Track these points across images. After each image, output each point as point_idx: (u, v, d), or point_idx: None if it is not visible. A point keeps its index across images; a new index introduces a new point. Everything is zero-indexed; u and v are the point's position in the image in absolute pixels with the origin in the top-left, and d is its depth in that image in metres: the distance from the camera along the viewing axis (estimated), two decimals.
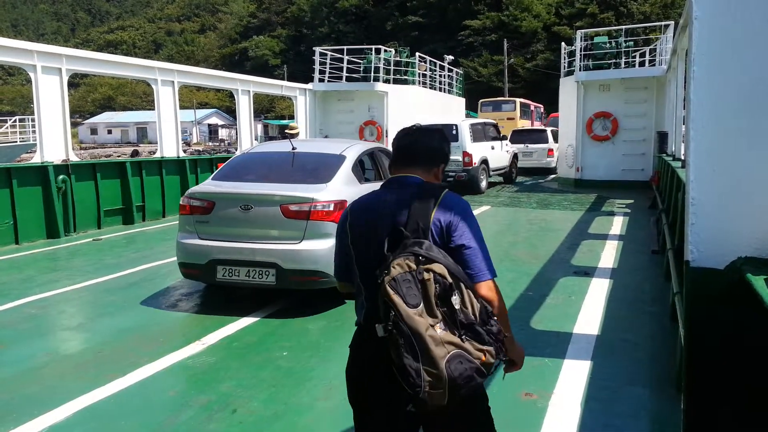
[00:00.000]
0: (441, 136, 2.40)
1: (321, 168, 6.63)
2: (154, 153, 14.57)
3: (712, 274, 2.90)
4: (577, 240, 9.80)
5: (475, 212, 8.97)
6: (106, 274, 7.75)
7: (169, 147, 13.78)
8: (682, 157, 9.43)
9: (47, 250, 9.67)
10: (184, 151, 15.15)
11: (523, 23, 72.27)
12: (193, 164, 14.45)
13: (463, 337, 1.92)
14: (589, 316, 5.78)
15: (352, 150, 7.08)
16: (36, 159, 10.97)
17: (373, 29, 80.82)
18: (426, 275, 1.90)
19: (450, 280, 1.92)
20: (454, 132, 16.64)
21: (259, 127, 65.06)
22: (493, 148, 18.17)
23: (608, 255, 8.60)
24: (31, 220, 10.37)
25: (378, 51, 21.31)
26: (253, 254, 6.03)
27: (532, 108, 40.88)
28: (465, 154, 16.60)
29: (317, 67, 20.49)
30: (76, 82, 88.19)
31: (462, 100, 28.64)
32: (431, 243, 2.00)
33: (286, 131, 13.22)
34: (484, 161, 17.27)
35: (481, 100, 39.22)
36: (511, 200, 15.34)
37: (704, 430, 2.99)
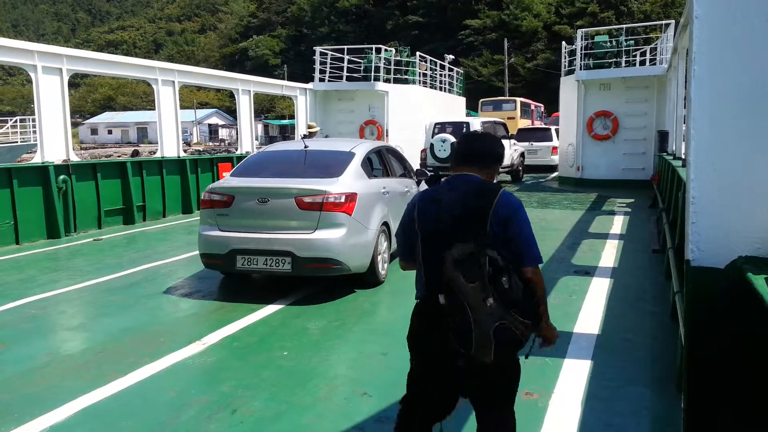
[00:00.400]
0: (497, 141, 2.84)
1: (332, 164, 7.05)
2: (155, 153, 14.58)
3: (712, 273, 2.90)
4: (578, 239, 9.80)
5: None
6: (106, 274, 7.75)
7: (169, 147, 13.78)
8: (683, 156, 9.42)
9: (48, 250, 9.68)
10: (185, 151, 15.14)
11: (524, 22, 72.25)
12: (193, 164, 14.46)
13: (509, 311, 2.33)
14: (590, 315, 5.77)
15: (361, 148, 7.56)
16: (36, 159, 10.97)
17: (374, 29, 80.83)
18: (482, 259, 2.32)
19: (501, 263, 2.35)
20: (465, 130, 17.07)
21: (260, 126, 65.09)
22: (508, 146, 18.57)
23: (609, 254, 8.60)
24: (31, 220, 10.38)
25: (378, 50, 21.31)
26: (270, 244, 6.42)
27: (533, 107, 40.87)
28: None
29: (317, 66, 20.49)
30: (76, 82, 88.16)
31: (462, 100, 28.64)
32: (489, 232, 2.43)
33: (306, 130, 13.84)
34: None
35: (481, 100, 39.20)
36: None
37: (705, 429, 2.99)
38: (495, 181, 2.81)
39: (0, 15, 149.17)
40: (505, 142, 18.73)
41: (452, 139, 17.33)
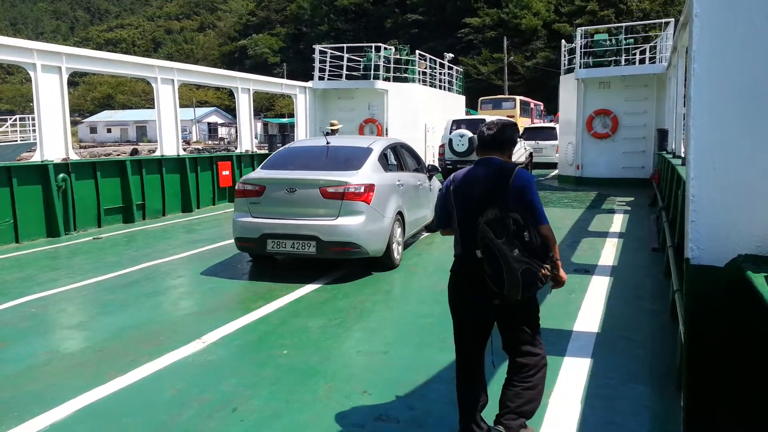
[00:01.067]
0: (513, 128, 3.47)
1: (352, 158, 7.81)
2: (154, 151, 14.57)
3: (712, 272, 2.91)
4: (578, 237, 9.80)
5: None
6: (106, 273, 7.75)
7: (169, 145, 13.77)
8: (683, 155, 9.42)
9: (47, 249, 9.68)
10: (184, 150, 15.13)
11: (523, 21, 72.20)
12: (193, 163, 14.45)
13: (531, 258, 3.01)
14: (590, 313, 5.78)
15: (378, 144, 8.27)
16: (36, 158, 10.96)
17: (373, 27, 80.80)
18: (506, 220, 2.99)
19: (522, 222, 3.02)
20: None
21: (259, 125, 65.03)
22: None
23: (608, 253, 8.60)
24: (31, 219, 10.37)
25: (378, 49, 21.28)
26: (298, 229, 7.20)
27: (532, 106, 40.89)
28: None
29: (317, 65, 20.47)
30: (75, 80, 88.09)
31: (462, 98, 28.62)
32: (509, 200, 3.09)
33: (328, 128, 14.54)
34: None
35: (481, 98, 39.21)
36: None
37: (704, 427, 3.00)
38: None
39: None
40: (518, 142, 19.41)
41: (470, 134, 18.42)
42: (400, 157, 8.86)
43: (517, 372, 3.28)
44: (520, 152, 19.85)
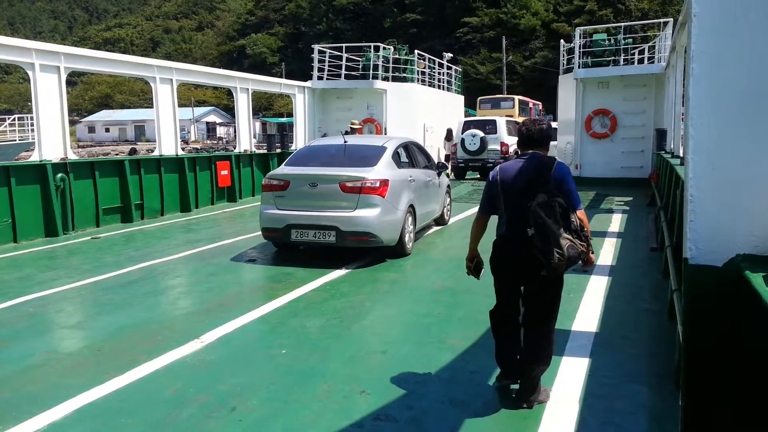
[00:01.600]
0: (549, 126, 4.09)
1: (368, 155, 8.53)
2: (152, 151, 14.55)
3: (710, 272, 2.91)
4: None
5: (475, 210, 8.91)
6: (104, 273, 7.74)
7: (167, 145, 13.76)
8: (681, 155, 9.43)
9: (46, 249, 9.67)
10: (182, 149, 15.11)
11: (522, 20, 72.19)
12: (191, 163, 14.43)
13: (573, 237, 3.56)
14: (588, 313, 5.78)
15: (392, 143, 9.01)
16: (34, 157, 10.94)
17: (371, 26, 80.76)
18: (553, 203, 3.56)
19: (565, 206, 3.59)
20: (493, 126, 20.37)
21: (258, 124, 65.00)
22: None
23: (607, 252, 8.61)
24: (29, 219, 10.36)
25: (377, 49, 21.28)
26: (319, 220, 7.89)
27: (531, 105, 40.88)
28: (502, 144, 20.14)
29: (316, 65, 20.46)
30: (73, 80, 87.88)
31: (461, 98, 28.63)
32: (551, 187, 3.65)
33: (349, 127, 15.75)
34: (516, 152, 18.83)
35: (480, 98, 39.18)
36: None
37: (702, 426, 3.00)
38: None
39: None
40: None
41: (481, 134, 19.96)
42: (411, 154, 9.55)
43: (537, 331, 3.93)
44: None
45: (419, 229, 9.32)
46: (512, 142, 19.90)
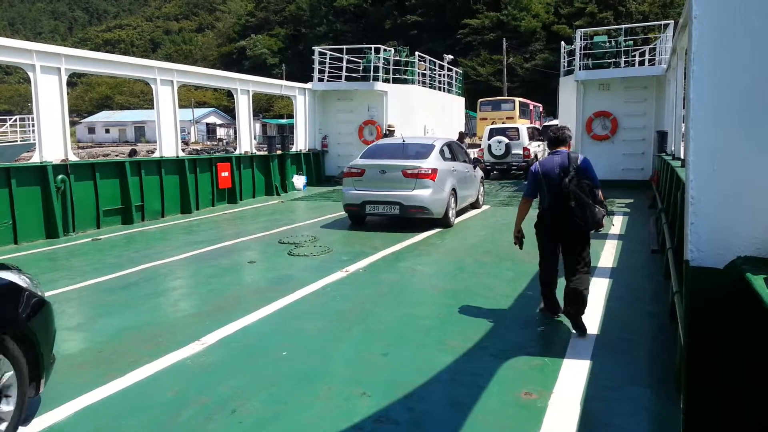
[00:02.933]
0: (568, 131, 5.75)
1: (421, 151, 11.30)
2: (152, 152, 14.55)
3: (711, 274, 2.90)
4: None
5: (475, 212, 8.98)
6: (105, 274, 7.74)
7: (168, 147, 13.77)
8: (682, 157, 9.43)
9: (46, 250, 9.67)
10: (182, 151, 15.11)
11: (522, 22, 72.25)
12: (192, 164, 14.44)
13: (598, 206, 5.16)
14: (589, 315, 5.76)
15: (438, 142, 11.76)
16: (35, 159, 10.95)
17: (372, 28, 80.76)
18: (583, 183, 5.15)
19: (592, 185, 5.18)
20: (516, 133, 22.16)
21: (258, 126, 65.03)
22: (539, 146, 22.39)
23: (608, 254, 8.61)
24: (30, 220, 10.36)
25: (377, 50, 21.30)
26: (387, 197, 10.66)
27: (531, 107, 40.94)
28: (524, 149, 21.73)
29: (316, 66, 20.47)
30: (73, 81, 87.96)
31: (461, 100, 28.65)
32: (579, 173, 5.20)
33: (386, 129, 17.96)
34: (536, 156, 21.66)
35: (480, 100, 39.24)
36: (511, 200, 15.34)
37: (704, 428, 3.00)
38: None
39: None
40: (543, 143, 21.31)
41: (506, 140, 21.83)
42: (453, 151, 12.12)
43: (573, 280, 5.34)
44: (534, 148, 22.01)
45: (458, 209, 11.81)
46: (534, 146, 22.00)
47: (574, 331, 5.28)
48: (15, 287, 3.78)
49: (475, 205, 13.30)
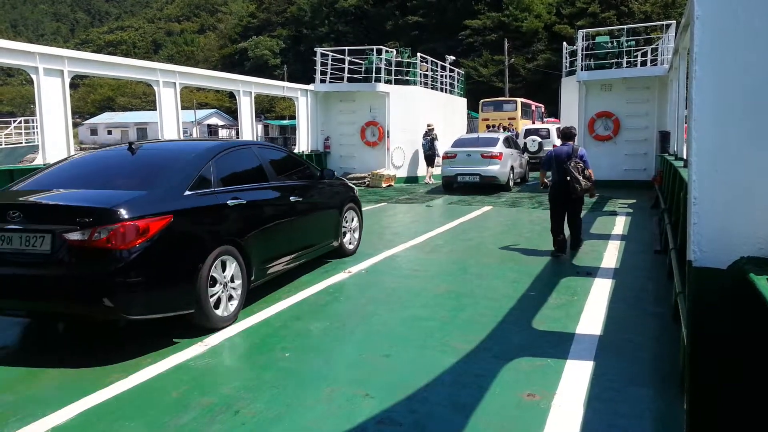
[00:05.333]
0: (575, 129, 9.36)
1: (491, 141, 17.68)
2: None
3: (714, 274, 2.90)
4: None
5: (477, 213, 8.96)
6: None
7: None
8: (685, 157, 9.41)
9: None
10: None
11: (524, 23, 72.20)
12: None
13: (585, 179, 8.32)
14: (592, 316, 5.77)
15: (501, 135, 18.65)
16: (38, 161, 10.97)
17: (373, 29, 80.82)
18: (579, 165, 8.33)
19: (583, 166, 8.36)
20: (547, 133, 26.27)
21: (260, 127, 65.08)
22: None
23: (611, 255, 8.60)
24: None
25: (379, 52, 21.29)
26: (471, 171, 16.82)
27: (533, 108, 40.89)
28: (554, 146, 25.15)
29: (318, 68, 20.48)
30: (75, 82, 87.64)
31: (463, 101, 28.62)
32: (578, 158, 8.37)
33: (427, 127, 20.32)
34: (553, 146, 24.23)
35: (482, 100, 39.17)
36: (513, 200, 15.34)
37: (707, 429, 2.99)
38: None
39: None
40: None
41: (539, 139, 26.16)
42: (510, 142, 18.58)
43: (572, 225, 8.71)
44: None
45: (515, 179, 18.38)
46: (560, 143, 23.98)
47: (578, 332, 5.28)
48: (350, 186, 8.98)
49: (523, 179, 19.84)
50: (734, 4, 2.81)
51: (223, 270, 5.60)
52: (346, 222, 8.49)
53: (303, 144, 19.66)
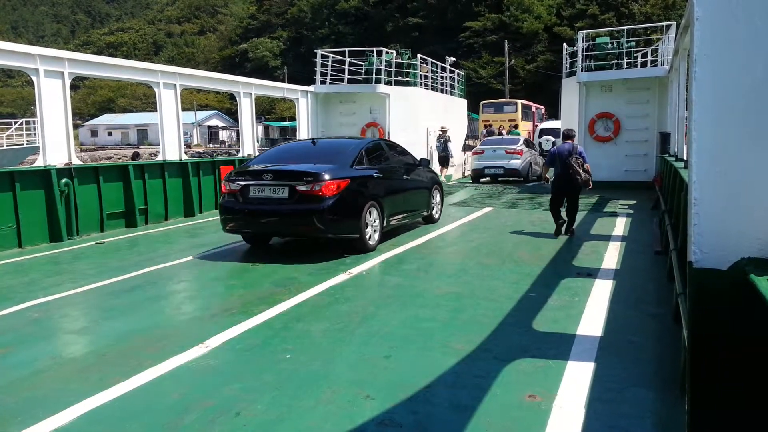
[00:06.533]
0: (574, 131, 11.14)
1: (513, 141, 22.14)
2: (155, 154, 14.56)
3: (715, 275, 2.90)
4: (580, 241, 9.79)
5: (478, 214, 8.96)
6: (109, 278, 7.76)
7: (171, 150, 13.79)
8: (685, 158, 9.41)
9: (50, 254, 9.69)
10: (185, 153, 15.13)
11: (524, 24, 72.28)
12: (195, 167, 14.46)
13: (584, 173, 9.99)
14: (593, 317, 5.77)
15: (521, 137, 23.64)
16: (39, 162, 10.98)
17: (373, 30, 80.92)
18: (579, 160, 10.00)
19: (582, 161, 10.04)
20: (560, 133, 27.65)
21: (260, 128, 65.10)
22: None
23: (611, 256, 8.60)
24: (34, 224, 10.39)
25: (379, 53, 21.31)
26: (496, 164, 20.63)
27: (534, 109, 40.95)
28: (554, 143, 27.03)
29: (319, 69, 20.50)
30: (75, 84, 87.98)
31: (464, 102, 28.64)
32: (577, 154, 10.03)
33: (440, 129, 21.86)
34: (553, 142, 27.03)
35: (482, 102, 39.21)
36: (514, 201, 15.34)
37: (708, 430, 2.99)
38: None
39: (0, 17, 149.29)
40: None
41: (553, 139, 28.80)
42: (528, 142, 22.41)
43: (570, 210, 10.33)
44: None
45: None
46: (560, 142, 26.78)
47: (578, 333, 5.29)
48: (435, 173, 12.31)
49: (540, 176, 19.99)
50: (734, 5, 2.82)
51: (370, 216, 9.05)
52: (433, 198, 11.72)
53: None
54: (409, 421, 3.75)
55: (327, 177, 8.36)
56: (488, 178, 21.55)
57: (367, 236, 8.88)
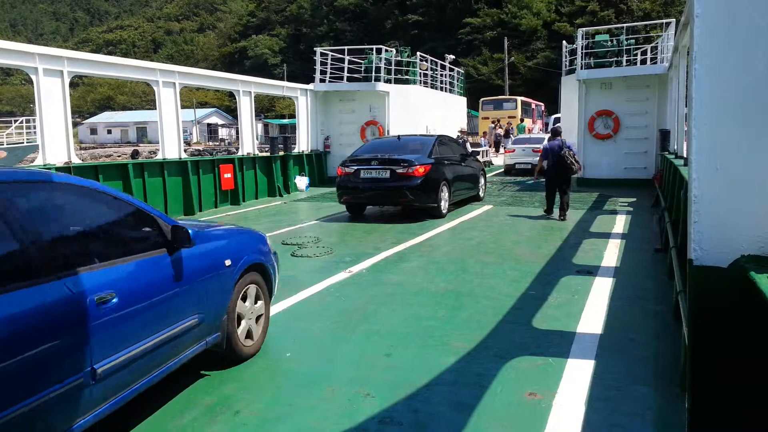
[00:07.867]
0: (560, 127, 12.81)
1: (539, 140, 22.21)
2: (155, 152, 14.55)
3: (715, 273, 2.91)
4: (580, 239, 9.79)
5: (478, 212, 8.94)
6: None
7: (170, 148, 13.78)
8: (685, 155, 9.41)
9: None
10: (184, 151, 15.12)
11: (523, 21, 72.23)
12: (195, 166, 14.45)
13: (576, 162, 11.73)
14: (593, 315, 5.77)
15: (545, 138, 19.60)
16: (38, 161, 10.97)
17: (373, 28, 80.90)
18: (569, 152, 11.68)
19: (572, 154, 11.74)
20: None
21: (260, 126, 65.08)
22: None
23: (611, 254, 8.59)
24: None
25: (379, 51, 21.30)
26: (525, 161, 21.94)
27: (533, 106, 40.96)
28: (548, 141, 29.54)
29: (318, 67, 20.48)
30: (75, 82, 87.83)
31: (463, 100, 28.65)
32: (567, 148, 11.73)
33: (459, 131, 24.98)
34: (547, 138, 28.88)
35: (482, 99, 39.21)
36: (513, 199, 15.34)
37: (708, 428, 3.00)
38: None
39: None
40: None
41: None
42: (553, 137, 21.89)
43: (562, 195, 11.77)
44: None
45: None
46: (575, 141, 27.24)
47: (578, 331, 5.29)
48: (480, 162, 16.19)
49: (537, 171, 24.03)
50: (734, 2, 2.82)
51: (443, 192, 12.18)
52: (481, 182, 15.10)
53: (303, 143, 19.66)
54: (409, 419, 3.76)
55: (416, 163, 11.53)
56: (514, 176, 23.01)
57: (442, 206, 12.09)
